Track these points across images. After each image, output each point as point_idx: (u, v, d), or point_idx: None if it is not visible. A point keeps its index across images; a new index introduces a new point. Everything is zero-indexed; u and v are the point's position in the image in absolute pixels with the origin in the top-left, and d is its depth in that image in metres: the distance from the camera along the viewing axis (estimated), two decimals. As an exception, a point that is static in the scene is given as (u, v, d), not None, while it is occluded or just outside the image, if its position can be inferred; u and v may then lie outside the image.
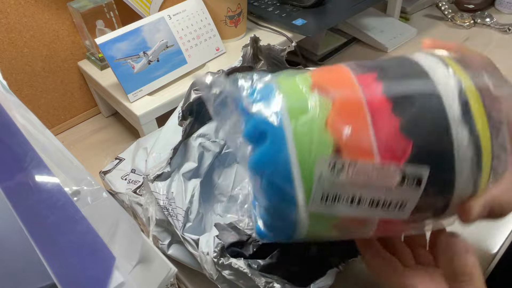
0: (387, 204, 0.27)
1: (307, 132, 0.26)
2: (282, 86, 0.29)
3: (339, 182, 0.26)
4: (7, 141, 0.28)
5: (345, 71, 0.29)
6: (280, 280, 0.37)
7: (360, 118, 0.26)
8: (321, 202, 0.27)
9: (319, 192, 0.27)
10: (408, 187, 0.26)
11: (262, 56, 0.52)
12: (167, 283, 0.27)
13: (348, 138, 0.26)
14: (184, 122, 0.47)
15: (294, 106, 0.27)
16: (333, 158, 0.26)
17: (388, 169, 0.26)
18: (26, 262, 0.28)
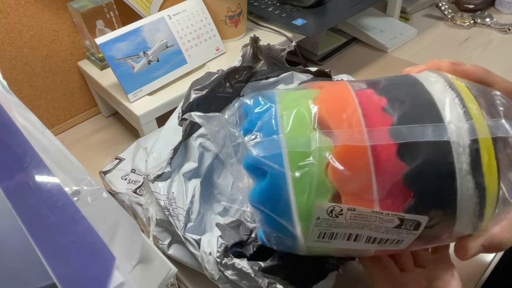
0: (383, 241, 0.28)
1: (307, 176, 0.26)
2: (284, 122, 0.27)
3: (336, 224, 0.27)
4: (7, 141, 0.28)
5: (352, 101, 0.27)
6: (283, 281, 0.37)
7: (362, 165, 0.25)
8: (318, 239, 0.28)
9: (316, 232, 0.27)
10: (406, 230, 0.27)
11: (262, 56, 0.52)
12: (167, 283, 0.27)
13: (348, 186, 0.26)
14: (184, 122, 0.47)
15: (295, 150, 0.26)
16: (331, 204, 0.26)
17: (386, 215, 0.26)
18: (26, 262, 0.28)
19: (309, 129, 0.26)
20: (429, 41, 0.92)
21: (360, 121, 0.26)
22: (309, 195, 0.26)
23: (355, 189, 0.25)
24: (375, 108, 0.26)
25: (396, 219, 0.26)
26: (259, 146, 0.27)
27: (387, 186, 0.25)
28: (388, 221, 0.26)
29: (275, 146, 0.26)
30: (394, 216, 0.26)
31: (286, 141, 0.26)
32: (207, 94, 0.48)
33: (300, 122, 0.26)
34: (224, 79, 0.50)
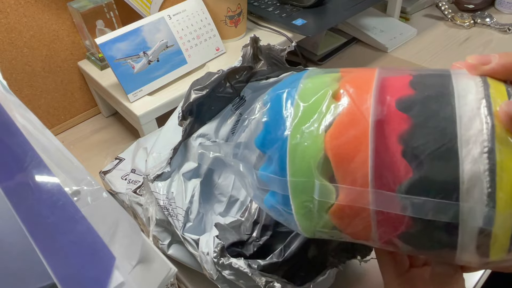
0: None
1: (308, 212, 0.27)
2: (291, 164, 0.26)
3: (340, 236, 0.29)
4: (7, 141, 0.28)
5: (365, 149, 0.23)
6: (281, 280, 0.37)
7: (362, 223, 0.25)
8: (320, 235, 0.30)
9: (317, 235, 0.29)
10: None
11: (262, 56, 0.52)
12: (167, 283, 0.27)
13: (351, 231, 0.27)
14: (184, 122, 0.47)
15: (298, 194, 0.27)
16: (334, 232, 0.28)
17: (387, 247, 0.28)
18: (26, 262, 0.28)
19: (314, 173, 0.25)
20: (429, 41, 0.92)
21: (367, 179, 0.23)
22: (311, 226, 0.28)
23: (356, 232, 0.27)
24: (389, 162, 0.22)
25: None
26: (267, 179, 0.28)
27: (386, 238, 0.25)
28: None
29: (282, 186, 0.27)
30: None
31: (290, 184, 0.27)
32: (207, 94, 0.48)
33: (306, 164, 0.25)
34: (224, 79, 0.50)
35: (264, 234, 0.42)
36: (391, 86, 0.25)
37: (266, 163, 0.28)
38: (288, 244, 0.40)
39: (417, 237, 0.23)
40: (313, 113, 0.26)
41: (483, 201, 0.20)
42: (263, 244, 0.41)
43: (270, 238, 0.42)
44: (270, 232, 0.42)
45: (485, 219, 0.20)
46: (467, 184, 0.20)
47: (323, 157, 0.25)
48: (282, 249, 0.40)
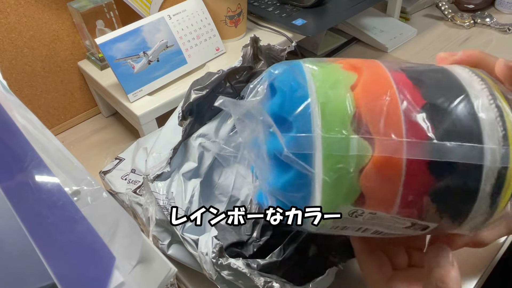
0: (389, 235, 0.29)
1: (339, 182, 0.25)
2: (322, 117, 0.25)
3: (353, 222, 0.27)
4: (7, 141, 0.28)
5: (395, 103, 0.25)
6: (280, 280, 0.37)
7: (395, 176, 0.24)
8: (330, 229, 0.28)
9: (331, 224, 0.27)
10: (413, 230, 0.27)
11: (262, 56, 0.52)
12: (167, 283, 0.27)
13: (376, 193, 0.25)
14: (184, 122, 0.47)
15: (331, 153, 0.25)
16: (355, 208, 0.26)
17: (402, 219, 0.26)
18: (26, 262, 0.28)
19: (347, 130, 0.25)
20: (429, 41, 0.92)
21: (401, 131, 0.24)
22: (335, 199, 0.25)
23: (381, 196, 0.25)
24: (416, 115, 0.25)
25: (409, 223, 0.26)
26: (292, 141, 0.25)
27: (411, 197, 0.25)
28: (401, 223, 0.26)
29: (310, 145, 0.25)
30: (408, 221, 0.26)
31: (322, 142, 0.24)
32: (207, 94, 0.48)
33: (339, 120, 0.25)
34: (224, 79, 0.50)
35: (264, 234, 0.42)
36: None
37: (285, 128, 0.26)
38: (287, 244, 0.40)
39: (442, 191, 0.25)
40: (333, 75, 0.27)
41: (500, 142, 0.24)
42: (263, 244, 0.41)
43: (270, 238, 0.42)
44: (270, 232, 0.42)
45: (503, 158, 0.24)
46: (487, 129, 0.24)
47: (354, 114, 0.25)
48: (282, 249, 0.40)
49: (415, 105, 0.25)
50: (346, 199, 0.25)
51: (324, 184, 0.25)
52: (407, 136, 0.24)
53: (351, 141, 0.24)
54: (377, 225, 0.27)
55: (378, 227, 0.27)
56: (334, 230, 0.28)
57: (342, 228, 0.28)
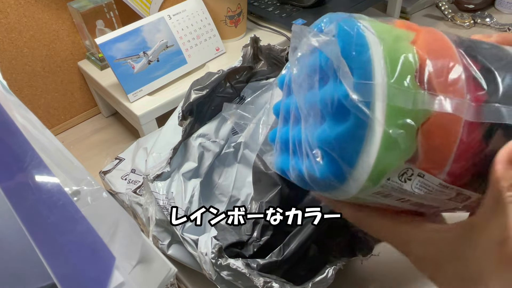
0: (426, 206, 0.27)
1: (400, 136, 0.24)
2: (389, 68, 0.24)
3: (399, 189, 0.25)
4: (7, 141, 0.28)
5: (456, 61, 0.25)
6: (279, 280, 0.37)
7: (452, 135, 0.24)
8: (372, 195, 0.26)
9: (375, 190, 0.26)
10: (454, 202, 0.26)
11: (262, 56, 0.52)
12: (167, 283, 0.27)
13: (430, 155, 0.24)
14: (184, 122, 0.47)
15: (396, 104, 0.24)
16: (407, 167, 0.24)
17: (451, 189, 0.25)
18: (26, 262, 0.28)
19: (413, 82, 0.24)
20: (429, 41, 0.92)
21: (463, 90, 0.24)
22: (392, 154, 0.24)
23: (435, 155, 0.24)
24: (476, 76, 0.25)
25: (454, 193, 0.25)
26: (358, 88, 0.24)
27: (463, 161, 0.24)
28: (446, 194, 0.26)
29: (373, 93, 0.24)
30: (454, 191, 0.25)
31: (388, 91, 0.24)
32: (207, 94, 0.48)
33: (405, 72, 0.24)
34: (224, 79, 0.50)
35: (264, 234, 0.42)
36: None
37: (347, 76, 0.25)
38: (287, 243, 0.40)
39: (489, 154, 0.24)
40: (391, 30, 0.26)
41: None
42: (263, 244, 0.41)
43: (271, 238, 0.42)
44: (271, 232, 0.42)
45: None
46: None
47: (418, 67, 0.24)
48: (281, 248, 0.40)
49: (474, 67, 0.25)
50: (401, 156, 0.24)
51: (384, 137, 0.24)
52: (468, 96, 0.24)
53: (418, 94, 0.24)
54: (420, 198, 0.26)
55: (420, 199, 0.26)
56: (375, 196, 0.26)
57: (384, 196, 0.26)
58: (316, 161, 0.27)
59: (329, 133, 0.25)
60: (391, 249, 0.30)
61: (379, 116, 0.24)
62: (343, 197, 0.27)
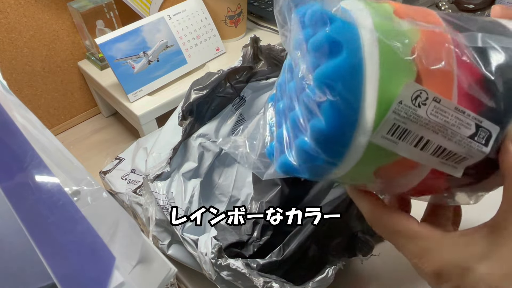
0: (450, 155, 0.25)
1: (392, 54, 0.23)
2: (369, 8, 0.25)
3: (415, 117, 0.24)
4: (7, 141, 0.28)
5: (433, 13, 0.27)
6: (279, 280, 0.37)
7: (446, 56, 0.24)
8: (387, 134, 0.24)
9: (390, 121, 0.24)
10: (477, 143, 0.25)
11: (262, 56, 0.52)
12: (167, 283, 0.27)
13: (433, 72, 0.24)
14: (184, 122, 0.48)
15: (381, 23, 0.24)
16: (420, 88, 0.23)
17: (467, 116, 0.24)
18: (26, 262, 0.28)
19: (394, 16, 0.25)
20: (429, 41, 0.92)
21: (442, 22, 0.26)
22: (396, 73, 0.23)
23: (438, 78, 0.24)
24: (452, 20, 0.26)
25: (473, 124, 0.25)
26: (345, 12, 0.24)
27: (466, 80, 0.24)
28: (465, 125, 0.25)
29: (364, 16, 0.24)
30: (473, 120, 0.24)
31: (373, 20, 0.24)
32: (207, 94, 0.48)
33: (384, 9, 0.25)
34: (224, 79, 0.50)
35: (264, 234, 0.42)
36: None
37: None
38: (287, 243, 0.40)
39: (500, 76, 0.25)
40: None
41: None
42: (263, 244, 0.41)
43: (271, 238, 0.42)
44: (271, 232, 0.42)
45: None
46: None
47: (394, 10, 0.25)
48: (281, 248, 0.40)
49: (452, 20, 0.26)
50: (404, 73, 0.23)
51: (381, 53, 0.23)
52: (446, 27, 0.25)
53: (401, 21, 0.24)
54: (440, 134, 0.24)
55: (441, 138, 0.24)
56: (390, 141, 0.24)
57: (401, 135, 0.24)
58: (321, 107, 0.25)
59: (327, 68, 0.24)
60: (391, 249, 0.30)
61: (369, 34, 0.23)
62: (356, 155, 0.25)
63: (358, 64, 0.23)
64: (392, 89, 0.23)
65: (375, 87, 0.23)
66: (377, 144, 0.24)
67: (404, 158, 0.25)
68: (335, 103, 0.24)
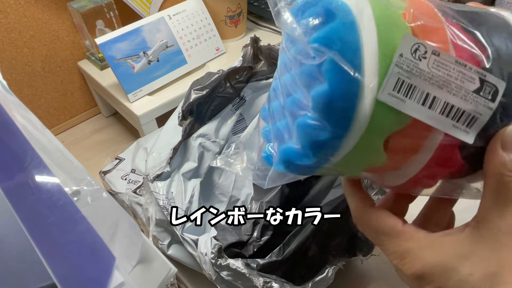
0: (458, 114, 0.25)
1: (386, 10, 0.24)
2: None
3: (418, 71, 0.24)
4: (7, 141, 0.28)
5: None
6: (279, 280, 0.37)
7: (436, 16, 0.25)
8: (393, 91, 0.24)
9: (394, 75, 0.24)
10: (483, 99, 0.25)
11: (262, 56, 0.52)
12: (167, 283, 0.27)
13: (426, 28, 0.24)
14: (184, 122, 0.48)
15: None
16: (418, 41, 0.24)
17: (469, 70, 0.25)
18: (26, 262, 0.28)
19: None
20: (429, 41, 0.92)
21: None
22: (392, 28, 0.24)
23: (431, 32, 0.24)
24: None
25: (477, 78, 0.25)
26: None
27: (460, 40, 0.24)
28: (469, 79, 0.25)
29: None
30: (476, 74, 0.25)
31: None
32: (207, 94, 0.48)
33: None
34: (224, 79, 0.50)
35: (264, 234, 0.42)
36: None
37: None
38: (287, 243, 0.40)
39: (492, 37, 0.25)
40: None
41: None
42: (263, 244, 0.41)
43: (271, 238, 0.42)
44: (271, 232, 0.42)
45: None
46: None
47: None
48: (281, 248, 0.40)
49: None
50: (400, 31, 0.24)
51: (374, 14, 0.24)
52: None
53: None
54: (445, 89, 0.24)
55: (446, 93, 0.25)
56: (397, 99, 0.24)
57: (407, 91, 0.24)
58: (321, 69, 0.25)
59: (323, 30, 0.24)
60: (391, 249, 0.30)
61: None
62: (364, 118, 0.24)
63: (352, 21, 0.23)
64: (391, 42, 0.23)
65: (374, 40, 0.23)
66: (384, 104, 0.24)
67: (414, 122, 0.25)
68: (335, 61, 0.23)
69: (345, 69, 0.23)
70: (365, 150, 0.26)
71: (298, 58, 0.27)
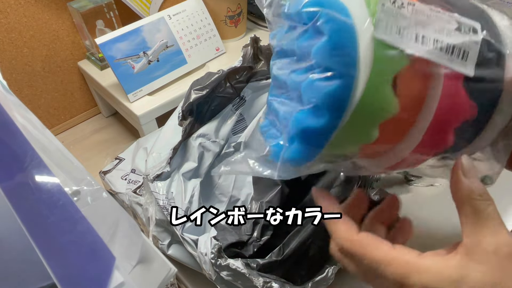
0: (450, 48, 0.27)
1: None
2: None
3: (400, 15, 0.26)
4: (7, 141, 0.28)
5: None
6: (279, 280, 0.37)
7: None
8: (386, 30, 0.26)
9: (383, 20, 0.26)
10: (466, 34, 0.27)
11: (262, 56, 0.52)
12: (167, 283, 0.27)
13: None
14: (184, 122, 0.48)
15: None
16: None
17: (443, 14, 0.27)
18: (26, 262, 0.28)
19: None
20: (429, 41, 0.92)
21: None
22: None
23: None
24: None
25: (453, 20, 0.27)
26: None
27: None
28: (447, 21, 0.27)
29: None
30: (451, 17, 0.27)
31: None
32: (207, 94, 0.48)
33: None
34: (224, 79, 0.50)
35: (264, 234, 0.42)
36: None
37: None
38: (287, 243, 0.40)
39: None
40: None
41: None
42: (263, 244, 0.41)
43: (271, 238, 0.42)
44: (271, 232, 0.42)
45: None
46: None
47: None
48: (281, 248, 0.40)
49: None
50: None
51: None
52: None
53: None
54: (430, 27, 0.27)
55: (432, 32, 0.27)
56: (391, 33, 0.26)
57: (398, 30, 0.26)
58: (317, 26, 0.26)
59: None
60: (391, 249, 0.30)
61: None
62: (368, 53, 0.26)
63: None
64: None
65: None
66: (382, 43, 0.26)
67: (414, 61, 0.26)
68: (328, 13, 0.25)
69: (338, 17, 0.25)
70: (376, 94, 0.26)
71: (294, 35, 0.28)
